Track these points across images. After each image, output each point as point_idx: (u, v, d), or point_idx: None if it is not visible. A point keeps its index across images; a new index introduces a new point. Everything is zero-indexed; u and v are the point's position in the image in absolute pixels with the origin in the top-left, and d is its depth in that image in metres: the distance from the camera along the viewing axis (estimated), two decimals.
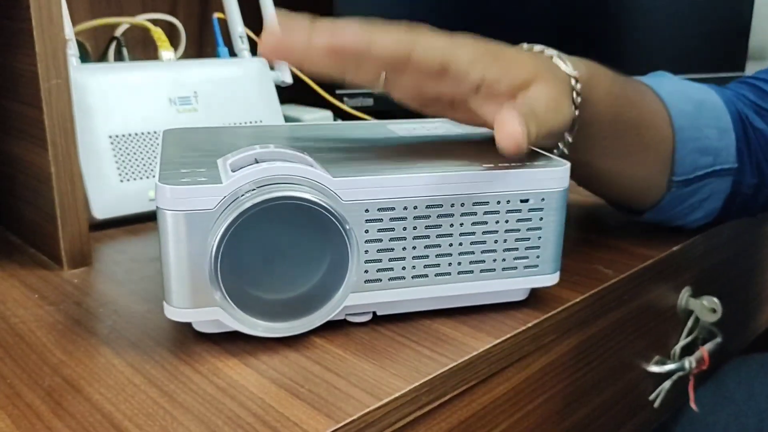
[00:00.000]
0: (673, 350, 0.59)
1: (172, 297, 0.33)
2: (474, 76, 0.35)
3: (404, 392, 0.31)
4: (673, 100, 0.48)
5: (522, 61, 0.37)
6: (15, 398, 0.31)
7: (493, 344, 0.36)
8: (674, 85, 0.50)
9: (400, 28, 0.34)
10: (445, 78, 0.34)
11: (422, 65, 0.34)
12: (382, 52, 0.32)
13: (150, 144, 0.57)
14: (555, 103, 0.36)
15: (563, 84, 0.38)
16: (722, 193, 0.51)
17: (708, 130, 0.49)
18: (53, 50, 0.43)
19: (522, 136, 0.32)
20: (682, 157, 0.48)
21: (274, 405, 0.30)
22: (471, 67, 0.34)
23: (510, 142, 0.32)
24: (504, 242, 0.37)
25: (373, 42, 0.32)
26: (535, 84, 0.36)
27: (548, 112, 0.35)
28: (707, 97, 0.50)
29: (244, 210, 0.31)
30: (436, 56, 0.33)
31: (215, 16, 0.73)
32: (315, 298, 0.34)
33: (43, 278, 0.44)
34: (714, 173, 0.49)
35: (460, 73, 0.34)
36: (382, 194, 0.34)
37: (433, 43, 0.34)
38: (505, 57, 0.36)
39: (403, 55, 0.33)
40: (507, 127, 0.32)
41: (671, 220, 0.52)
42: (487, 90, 0.36)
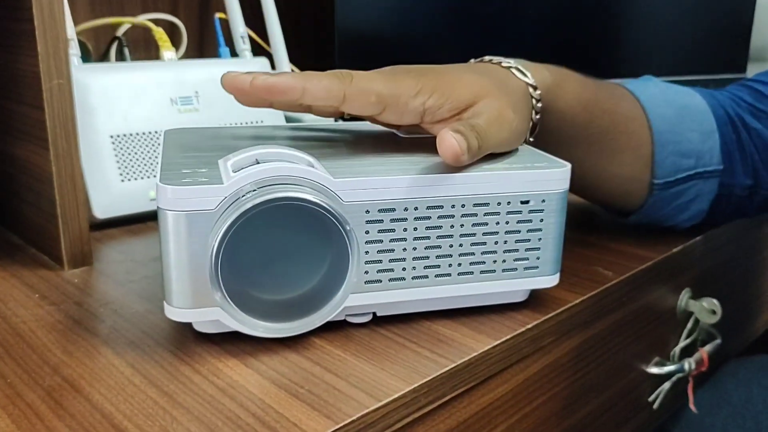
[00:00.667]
0: (673, 352, 0.59)
1: (173, 297, 0.33)
2: (414, 105, 0.37)
3: (403, 393, 0.32)
4: (653, 105, 0.49)
5: (463, 83, 0.39)
6: (15, 398, 0.31)
7: (493, 345, 0.36)
8: (656, 89, 0.51)
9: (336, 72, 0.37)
10: (388, 111, 0.37)
11: (359, 104, 0.36)
12: (315, 94, 0.35)
13: (151, 144, 0.57)
14: (498, 117, 0.38)
15: (515, 95, 0.40)
16: (708, 194, 0.51)
17: (689, 133, 0.50)
18: (55, 50, 0.43)
19: (458, 148, 0.34)
20: (661, 160, 0.49)
21: (274, 405, 0.30)
22: (410, 99, 0.37)
23: (448, 154, 0.34)
24: (504, 243, 0.37)
25: (306, 84, 0.35)
26: (480, 101, 0.38)
27: (491, 125, 0.37)
28: (690, 101, 0.51)
29: (245, 210, 0.31)
30: (370, 94, 0.36)
31: (217, 16, 0.73)
32: (315, 299, 0.34)
33: (43, 278, 0.44)
34: (697, 175, 0.50)
35: (399, 105, 0.37)
36: (382, 195, 0.34)
37: (366, 82, 0.36)
38: (445, 82, 0.38)
39: (337, 95, 0.36)
40: (444, 142, 0.34)
41: (659, 222, 0.53)
42: (430, 117, 0.38)
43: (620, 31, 0.88)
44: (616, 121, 0.48)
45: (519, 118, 0.40)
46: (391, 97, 0.37)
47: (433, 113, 0.38)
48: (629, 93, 0.50)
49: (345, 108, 0.36)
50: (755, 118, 0.51)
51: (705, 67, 0.94)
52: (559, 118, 0.44)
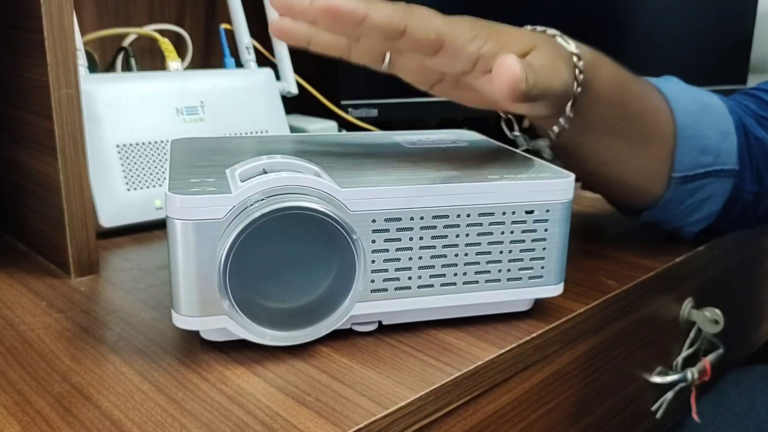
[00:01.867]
0: (676, 361, 0.59)
1: (180, 305, 0.33)
2: (470, 49, 0.36)
3: (410, 401, 0.32)
4: (677, 99, 0.49)
5: (518, 35, 0.38)
6: (25, 405, 0.31)
7: (498, 354, 0.36)
8: (679, 86, 0.52)
9: (398, 3, 0.35)
10: (443, 53, 0.36)
11: (417, 38, 0.35)
12: (377, 20, 0.33)
13: (157, 153, 0.57)
14: (552, 66, 0.38)
15: (563, 55, 0.40)
16: (722, 195, 0.51)
17: (709, 131, 0.50)
18: (64, 60, 0.43)
19: (520, 75, 0.34)
20: (682, 154, 0.49)
21: (282, 413, 0.30)
22: (467, 42, 0.36)
23: (507, 78, 0.34)
24: (509, 253, 0.37)
25: (369, 10, 0.33)
26: (534, 50, 0.38)
27: (545, 69, 0.37)
28: (710, 101, 0.52)
29: (252, 220, 0.32)
30: (431, 30, 0.35)
31: (222, 26, 0.74)
32: (322, 308, 0.35)
33: (50, 286, 0.45)
34: (714, 173, 0.50)
35: (456, 47, 0.36)
36: (389, 204, 0.35)
37: (428, 17, 0.35)
38: (501, 32, 0.38)
39: (398, 26, 0.34)
40: (505, 67, 0.34)
41: (670, 221, 0.52)
42: (483, 64, 0.37)
43: (622, 42, 0.88)
44: (646, 109, 0.47)
45: (569, 74, 0.39)
46: (450, 37, 0.35)
47: (487, 60, 0.37)
48: (653, 85, 0.50)
49: (402, 42, 0.34)
50: (760, 125, 0.52)
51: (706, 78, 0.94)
52: (596, 97, 0.44)
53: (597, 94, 0.44)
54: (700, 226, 0.53)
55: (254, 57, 0.71)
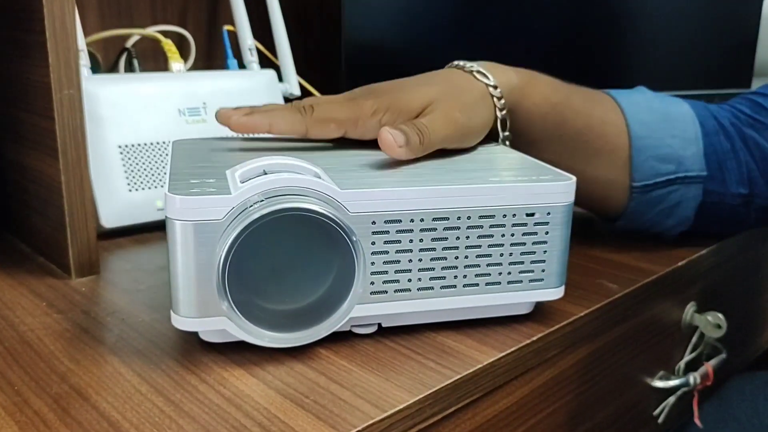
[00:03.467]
0: (678, 366, 0.59)
1: (180, 306, 0.33)
2: (372, 125, 0.42)
3: (409, 404, 0.32)
4: (634, 110, 0.51)
5: (416, 96, 0.44)
6: (23, 405, 0.31)
7: (498, 357, 0.36)
8: (641, 97, 0.53)
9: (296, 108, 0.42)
10: (352, 131, 0.43)
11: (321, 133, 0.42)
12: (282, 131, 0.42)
13: (159, 154, 0.57)
14: (443, 116, 0.43)
15: (468, 96, 0.45)
16: (692, 200, 0.52)
17: (670, 139, 0.51)
18: (66, 61, 0.43)
19: (392, 141, 0.39)
20: (639, 164, 0.50)
21: (280, 415, 0.30)
22: (367, 119, 0.42)
23: (385, 146, 0.39)
24: (509, 255, 0.37)
25: (271, 124, 0.41)
26: (429, 106, 0.43)
27: (434, 122, 0.42)
28: (675, 109, 0.52)
29: (252, 221, 0.31)
30: (330, 122, 0.42)
31: (225, 28, 0.74)
32: (321, 309, 0.34)
33: (51, 287, 0.45)
34: (678, 180, 0.51)
35: (360, 125, 0.42)
36: (389, 206, 0.34)
37: (326, 111, 0.42)
38: (399, 99, 0.43)
39: (299, 130, 0.42)
40: (381, 139, 0.39)
41: (646, 228, 0.53)
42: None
43: (625, 45, 0.88)
44: (591, 123, 0.50)
45: (466, 117, 0.44)
46: (349, 121, 0.42)
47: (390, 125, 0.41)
48: (610, 98, 0.52)
49: (310, 136, 0.42)
50: (754, 129, 0.52)
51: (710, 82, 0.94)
52: (528, 118, 0.48)
53: (527, 116, 0.48)
54: (679, 230, 0.54)
55: (257, 58, 0.71)
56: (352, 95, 0.44)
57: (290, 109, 0.42)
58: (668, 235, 0.54)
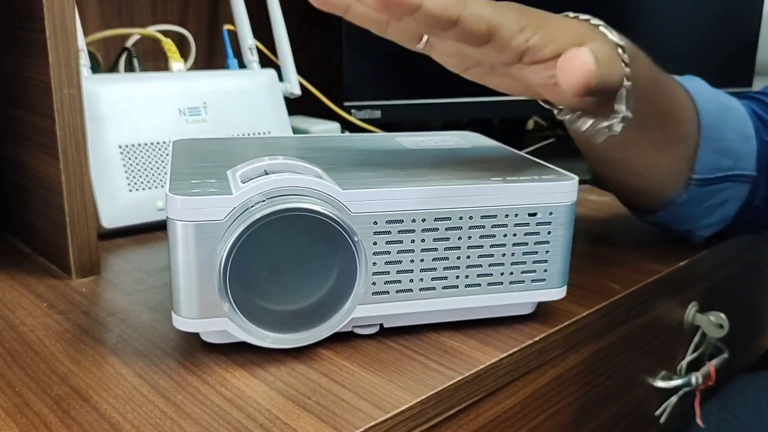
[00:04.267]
0: (680, 366, 0.59)
1: (181, 307, 0.33)
2: (518, 42, 0.35)
3: (411, 405, 0.31)
4: (702, 98, 0.48)
5: (568, 26, 0.37)
6: (23, 407, 0.31)
7: (500, 358, 0.36)
8: (702, 86, 0.50)
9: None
10: (490, 43, 0.34)
11: (468, 30, 0.33)
12: (431, 10, 0.32)
13: (159, 154, 0.57)
14: (611, 59, 0.37)
15: (614, 51, 0.38)
16: (738, 200, 0.50)
17: (731, 133, 0.49)
18: (66, 60, 0.43)
19: (592, 68, 0.32)
20: (704, 155, 0.48)
21: (281, 416, 0.30)
22: (514, 34, 0.35)
23: (577, 74, 0.33)
24: (512, 256, 0.37)
25: (423, 5, 0.31)
26: (587, 44, 0.36)
27: (606, 61, 0.36)
28: (732, 104, 0.51)
29: (253, 221, 0.31)
30: (482, 21, 0.33)
31: (225, 28, 0.74)
32: (323, 310, 0.34)
33: (51, 287, 0.44)
34: (733, 177, 0.49)
35: (503, 39, 0.34)
36: (390, 206, 0.34)
37: (481, 7, 0.34)
38: (550, 23, 0.36)
39: (451, 16, 0.33)
40: (576, 60, 0.33)
41: (683, 223, 0.51)
42: (530, 56, 0.36)
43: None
44: (673, 106, 0.46)
45: (621, 66, 0.38)
46: (499, 27, 0.34)
47: (535, 53, 0.35)
48: (679, 83, 0.48)
49: (454, 32, 0.33)
50: (767, 129, 0.51)
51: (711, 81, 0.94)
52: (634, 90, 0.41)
53: (635, 88, 0.41)
54: (712, 230, 0.52)
55: (257, 58, 0.71)
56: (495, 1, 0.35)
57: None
58: (697, 236, 0.52)
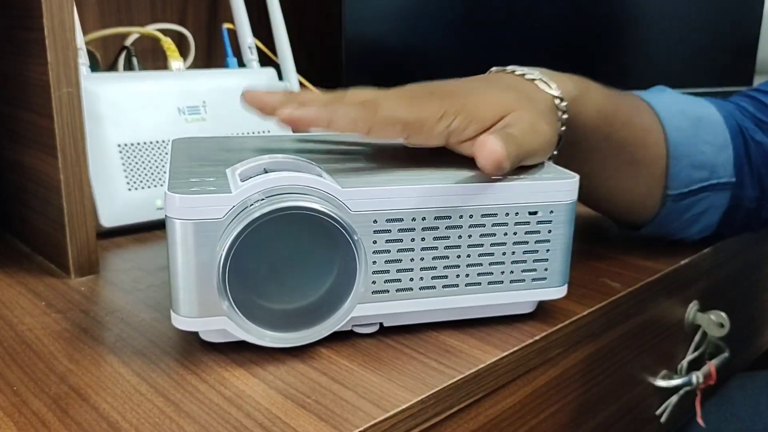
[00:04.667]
0: (680, 365, 0.58)
1: (180, 306, 0.33)
2: (440, 130, 0.36)
3: (411, 404, 0.31)
4: (669, 116, 0.49)
5: (488, 100, 0.38)
6: (21, 406, 0.31)
7: (500, 357, 0.36)
8: (672, 100, 0.51)
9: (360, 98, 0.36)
10: (414, 137, 0.37)
11: (385, 132, 0.36)
12: (341, 128, 0.35)
13: (158, 153, 0.57)
14: (531, 127, 0.37)
15: (543, 106, 0.40)
16: (720, 207, 0.51)
17: (704, 145, 0.49)
18: (65, 59, 0.43)
19: (501, 153, 0.34)
20: (676, 173, 0.49)
21: (281, 416, 0.30)
22: (434, 123, 0.36)
23: (490, 159, 0.34)
24: (512, 254, 0.37)
25: (332, 118, 0.34)
26: (508, 115, 0.37)
27: (525, 135, 0.36)
28: (705, 113, 0.51)
29: (253, 220, 0.31)
30: (396, 123, 0.36)
31: (225, 26, 0.74)
32: (322, 309, 0.34)
33: (50, 286, 0.44)
34: (710, 187, 0.50)
35: (424, 130, 0.36)
36: (390, 205, 0.34)
37: (391, 110, 0.36)
38: (468, 102, 0.37)
39: (362, 129, 0.35)
40: (486, 147, 0.34)
41: (670, 235, 0.52)
42: (456, 138, 0.37)
43: (627, 42, 0.88)
44: (635, 134, 0.47)
45: (550, 129, 0.39)
46: (416, 123, 0.36)
47: (459, 134, 0.37)
48: (646, 104, 0.49)
49: (370, 137, 0.36)
50: (759, 128, 0.51)
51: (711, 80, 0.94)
52: (581, 130, 0.43)
53: (582, 128, 0.43)
54: (700, 236, 0.53)
55: (257, 57, 0.71)
56: (409, 93, 0.38)
57: (352, 104, 0.36)
58: (688, 241, 0.53)
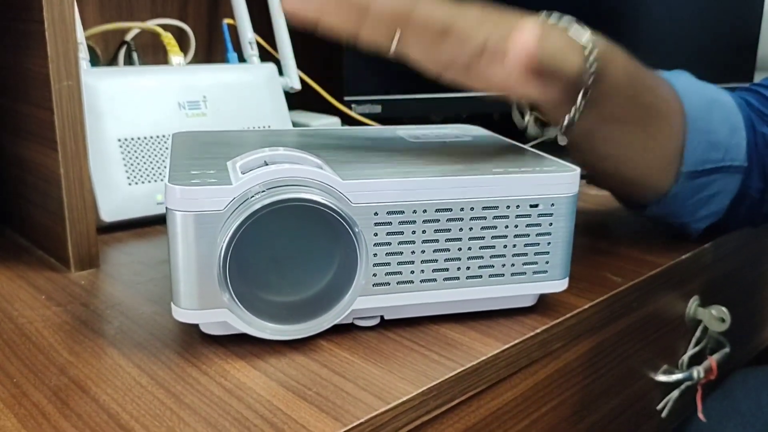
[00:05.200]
0: (681, 359, 0.58)
1: (180, 298, 0.33)
2: (477, 37, 0.35)
3: (412, 396, 0.31)
4: (688, 93, 0.49)
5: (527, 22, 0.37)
6: (22, 398, 0.31)
7: (501, 350, 0.36)
8: (689, 80, 0.51)
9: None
10: (449, 41, 0.35)
11: (422, 26, 0.34)
12: (380, 9, 0.33)
13: (158, 147, 0.57)
14: (563, 49, 0.37)
15: (573, 42, 0.39)
16: (730, 192, 0.51)
17: (719, 126, 0.49)
18: (65, 52, 0.43)
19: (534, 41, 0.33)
20: (692, 148, 0.48)
21: (282, 407, 0.30)
22: (473, 30, 0.35)
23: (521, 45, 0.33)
24: (513, 247, 0.37)
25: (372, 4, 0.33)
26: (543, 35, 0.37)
27: (556, 49, 0.36)
28: (720, 96, 0.51)
29: (253, 211, 0.31)
30: (435, 19, 0.34)
31: (225, 22, 0.74)
32: (323, 301, 0.34)
33: (50, 280, 0.44)
34: (723, 169, 0.49)
35: (462, 34, 0.35)
36: (391, 197, 0.34)
37: (433, 5, 0.34)
38: (509, 20, 0.37)
39: (401, 14, 0.33)
40: (522, 34, 0.33)
41: (677, 216, 0.51)
42: (491, 51, 0.36)
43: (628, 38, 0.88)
44: (657, 102, 0.46)
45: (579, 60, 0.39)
46: (455, 25, 0.34)
47: (495, 47, 0.35)
48: (664, 78, 0.49)
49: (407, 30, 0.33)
50: (762, 121, 0.51)
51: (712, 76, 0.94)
52: (609, 88, 0.42)
53: (609, 86, 0.42)
54: (706, 222, 0.52)
55: (257, 52, 0.71)
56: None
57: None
58: (693, 228, 0.52)
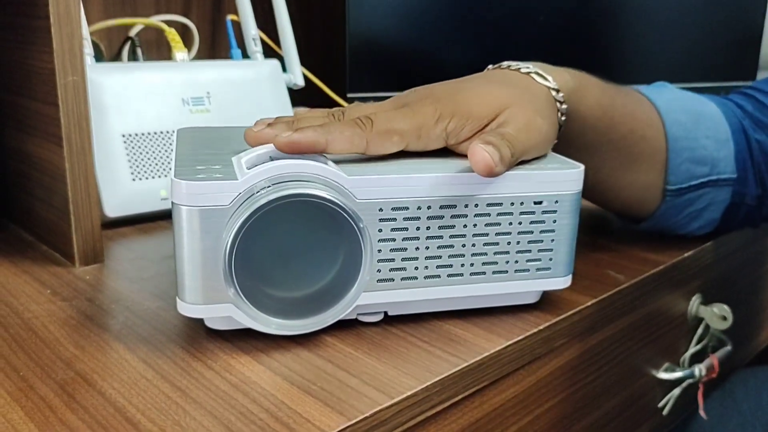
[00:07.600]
0: (683, 357, 0.59)
1: (185, 293, 0.33)
2: (436, 132, 0.37)
3: (416, 391, 0.31)
4: (669, 111, 0.49)
5: (482, 99, 0.38)
6: (28, 391, 0.31)
7: (505, 346, 0.36)
8: (672, 95, 0.51)
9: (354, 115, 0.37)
10: (413, 144, 0.37)
11: (382, 149, 0.36)
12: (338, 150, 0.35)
13: (162, 143, 0.57)
14: (527, 124, 0.38)
15: (539, 99, 0.40)
16: (721, 203, 0.51)
17: (705, 140, 0.49)
18: (70, 47, 0.43)
19: (490, 161, 0.34)
20: (675, 167, 0.49)
21: (287, 401, 0.30)
22: (430, 127, 0.37)
23: (480, 167, 0.34)
24: (517, 244, 0.37)
25: (329, 141, 0.35)
26: (503, 112, 0.38)
27: (520, 132, 0.37)
28: (705, 109, 0.51)
29: (259, 207, 0.31)
30: (392, 134, 0.36)
31: (229, 18, 0.74)
32: (327, 297, 0.34)
33: (55, 275, 0.44)
34: (711, 183, 0.50)
35: (422, 135, 0.37)
36: (396, 193, 0.34)
37: (386, 122, 0.36)
38: (463, 102, 0.38)
39: (359, 148, 0.36)
40: (475, 155, 0.34)
41: (670, 230, 0.52)
42: (454, 139, 0.38)
43: (630, 37, 0.88)
44: (635, 127, 0.47)
45: (547, 123, 0.39)
46: (412, 131, 0.37)
47: (457, 135, 0.37)
48: (646, 98, 0.49)
49: (369, 153, 0.36)
50: (758, 127, 0.51)
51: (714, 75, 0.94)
52: (581, 124, 0.44)
53: (582, 122, 0.44)
54: (702, 231, 0.53)
55: (261, 48, 0.71)
56: (403, 100, 0.39)
57: (346, 123, 0.36)
58: (690, 236, 0.53)
